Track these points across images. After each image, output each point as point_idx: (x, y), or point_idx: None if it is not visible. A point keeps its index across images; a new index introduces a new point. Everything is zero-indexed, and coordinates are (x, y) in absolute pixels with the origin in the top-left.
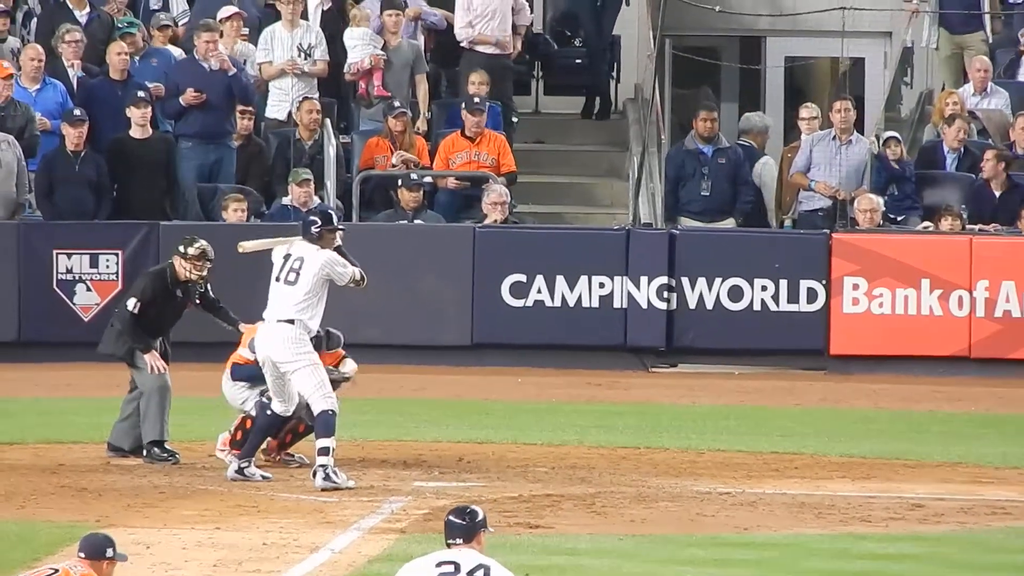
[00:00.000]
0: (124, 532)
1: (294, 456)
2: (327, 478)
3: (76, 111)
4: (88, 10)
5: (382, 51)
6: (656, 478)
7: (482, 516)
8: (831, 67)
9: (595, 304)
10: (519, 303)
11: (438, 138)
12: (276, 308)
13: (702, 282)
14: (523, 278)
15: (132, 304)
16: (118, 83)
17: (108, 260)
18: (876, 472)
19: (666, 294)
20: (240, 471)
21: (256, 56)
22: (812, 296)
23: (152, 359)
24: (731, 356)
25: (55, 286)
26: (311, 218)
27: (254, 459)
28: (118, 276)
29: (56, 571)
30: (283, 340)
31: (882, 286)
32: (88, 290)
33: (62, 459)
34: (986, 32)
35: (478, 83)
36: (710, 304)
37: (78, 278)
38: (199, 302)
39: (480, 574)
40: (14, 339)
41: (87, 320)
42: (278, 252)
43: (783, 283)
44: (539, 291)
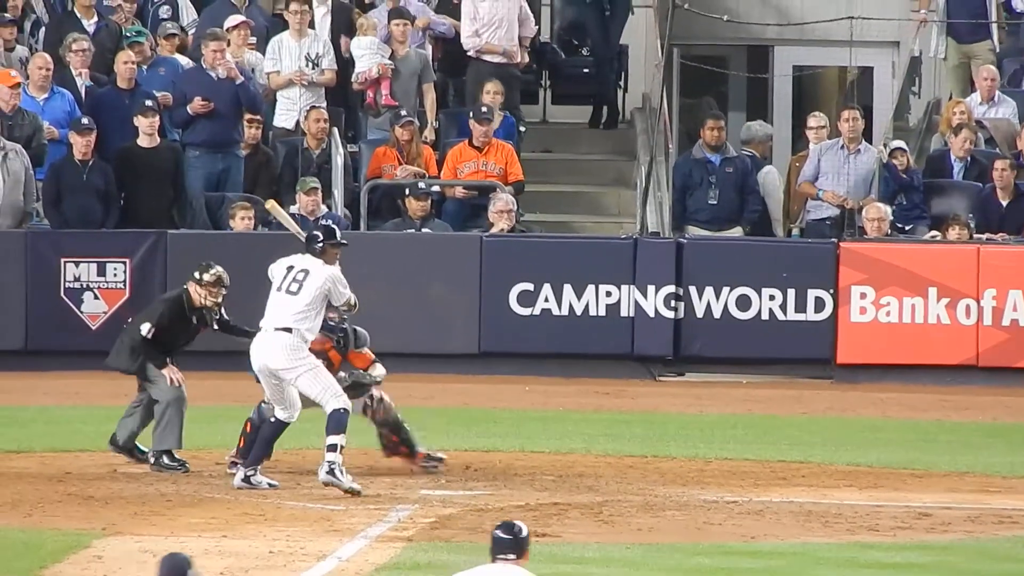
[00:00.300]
0: (131, 540)
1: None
2: (331, 472)
3: (84, 120)
4: (96, 19)
5: (389, 60)
6: (663, 487)
7: (526, 531)
8: (839, 76)
9: (602, 313)
10: (526, 312)
11: (446, 147)
12: (275, 317)
13: (709, 291)
14: (530, 287)
15: (146, 329)
16: (126, 92)
17: (116, 268)
18: (883, 481)
19: (673, 303)
20: (247, 479)
21: (264, 65)
22: (820, 305)
23: (170, 372)
24: (738, 365)
25: (62, 294)
26: (314, 232)
27: (259, 467)
28: (126, 284)
29: None
30: (281, 348)
31: (889, 295)
32: (96, 298)
33: (69, 467)
34: (993, 41)
35: (493, 92)
36: (717, 313)
37: (86, 286)
38: (216, 327)
39: None
40: (21, 347)
41: (94, 328)
42: (280, 263)
43: (791, 292)
44: (546, 300)
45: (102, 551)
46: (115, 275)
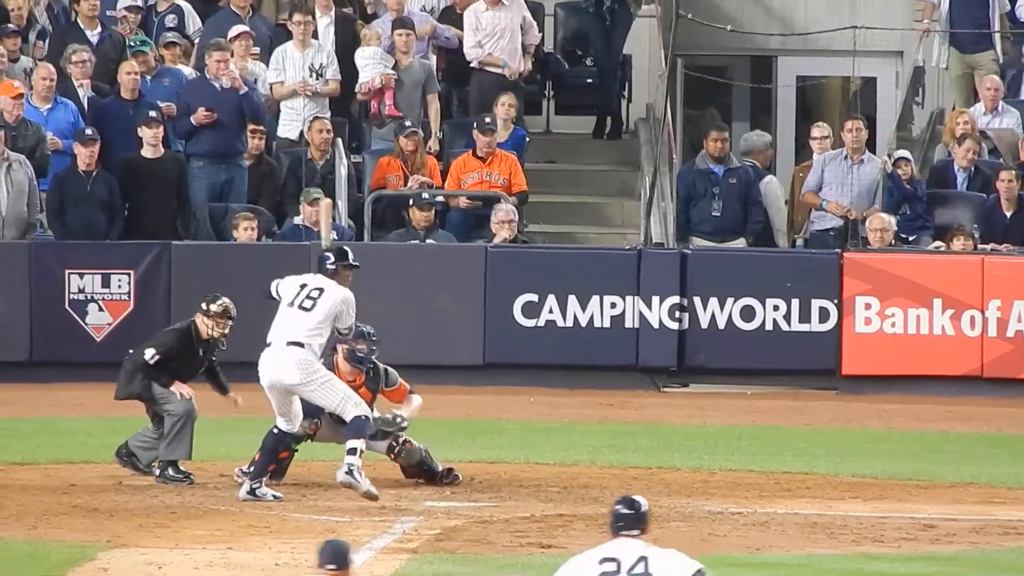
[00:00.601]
0: (136, 552)
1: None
2: (350, 473)
3: (87, 131)
4: (99, 29)
5: (393, 71)
6: (668, 498)
7: (647, 505)
8: (842, 86)
9: (607, 324)
10: (531, 323)
11: (450, 158)
12: (286, 331)
13: (714, 302)
14: (535, 298)
15: (150, 355)
16: (129, 102)
17: (120, 280)
18: (888, 492)
19: (678, 314)
20: (252, 492)
21: (267, 76)
22: (824, 316)
23: (178, 387)
24: (743, 376)
25: (67, 306)
26: (326, 254)
27: (264, 479)
28: (130, 296)
29: None
30: (295, 364)
31: (894, 306)
32: (100, 310)
33: (73, 479)
34: (996, 52)
35: (507, 105)
36: (722, 324)
37: (90, 298)
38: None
39: (640, 568)
40: (26, 359)
41: (99, 340)
42: (290, 280)
43: (795, 303)
44: (551, 311)
45: (107, 563)
46: (119, 286)
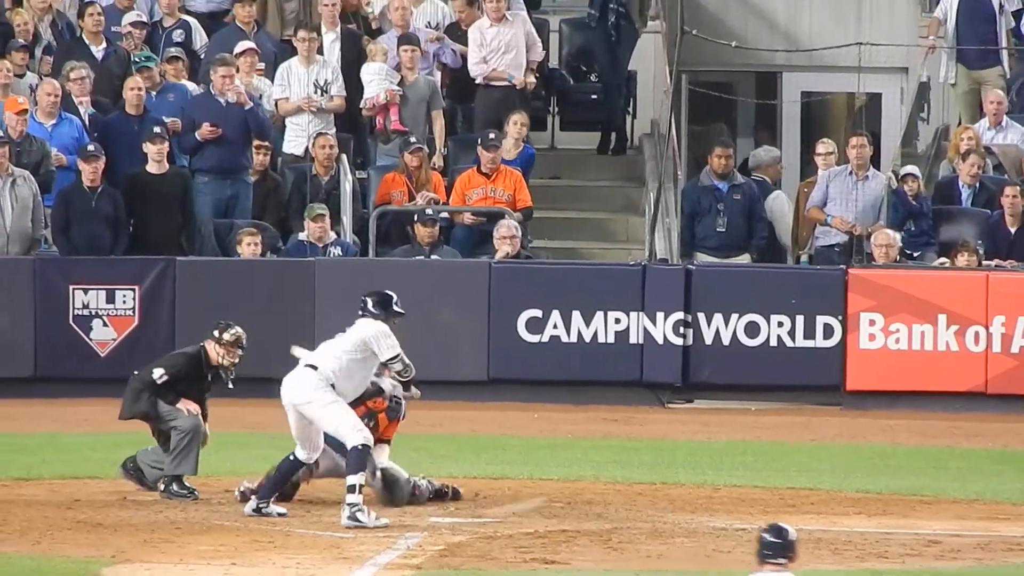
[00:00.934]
0: (140, 568)
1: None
2: (352, 517)
3: (90, 147)
4: (104, 45)
5: (398, 87)
6: (672, 514)
7: (795, 533)
8: (847, 102)
9: (611, 340)
10: (535, 338)
11: (454, 174)
12: (311, 355)
13: (718, 318)
14: (539, 313)
15: (159, 375)
16: (134, 118)
17: (125, 295)
18: (893, 508)
19: (682, 330)
20: (257, 509)
21: (273, 92)
22: (828, 332)
23: (184, 403)
24: (747, 392)
25: (71, 321)
26: (365, 298)
27: (271, 499)
28: (135, 311)
29: None
30: (304, 383)
31: (898, 322)
32: (104, 325)
33: (78, 494)
34: (1003, 67)
35: (520, 124)
36: (726, 340)
37: (94, 313)
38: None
39: None
40: (30, 375)
41: (103, 355)
42: None
43: (799, 319)
44: (555, 326)
45: None
46: (124, 302)
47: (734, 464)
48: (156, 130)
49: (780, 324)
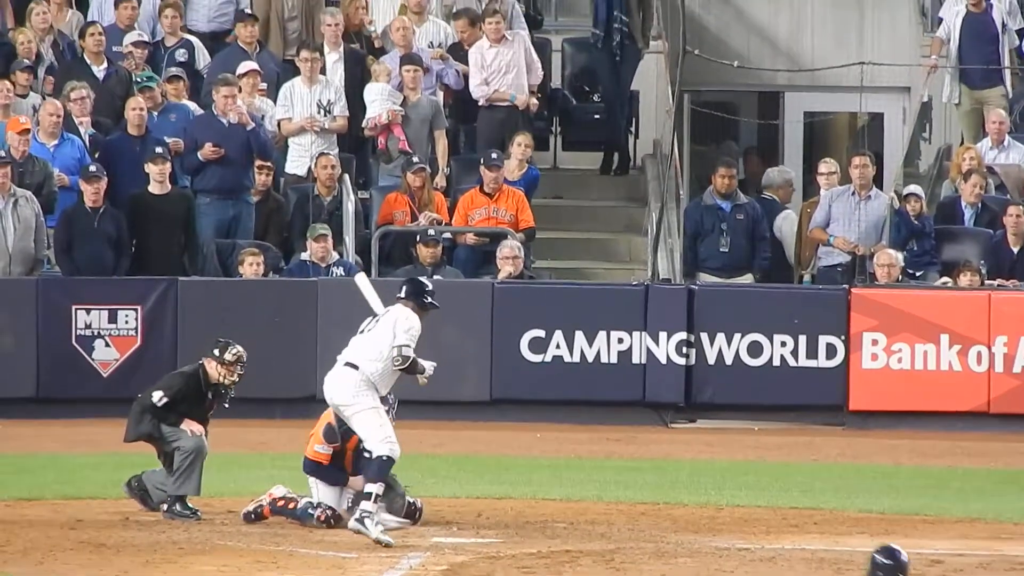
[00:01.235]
0: None
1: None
2: (360, 520)
3: (92, 167)
4: (106, 65)
5: (401, 107)
6: (675, 534)
7: (907, 555)
8: (850, 122)
9: (614, 360)
10: (538, 358)
11: (457, 194)
12: (348, 352)
13: (721, 338)
14: (542, 333)
15: (158, 397)
16: (136, 138)
17: (127, 316)
18: (895, 527)
19: (685, 349)
20: (360, 521)
21: (275, 112)
22: (831, 351)
23: (188, 424)
24: (750, 411)
25: (74, 342)
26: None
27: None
28: (137, 332)
29: None
30: (345, 383)
31: (901, 341)
32: (107, 346)
33: (80, 515)
34: (1006, 87)
35: (524, 145)
36: (729, 360)
37: (97, 334)
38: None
39: None
40: (33, 395)
41: (106, 376)
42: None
43: (802, 338)
44: (558, 346)
45: None
46: (126, 322)
47: (737, 484)
48: (158, 150)
49: (783, 344)
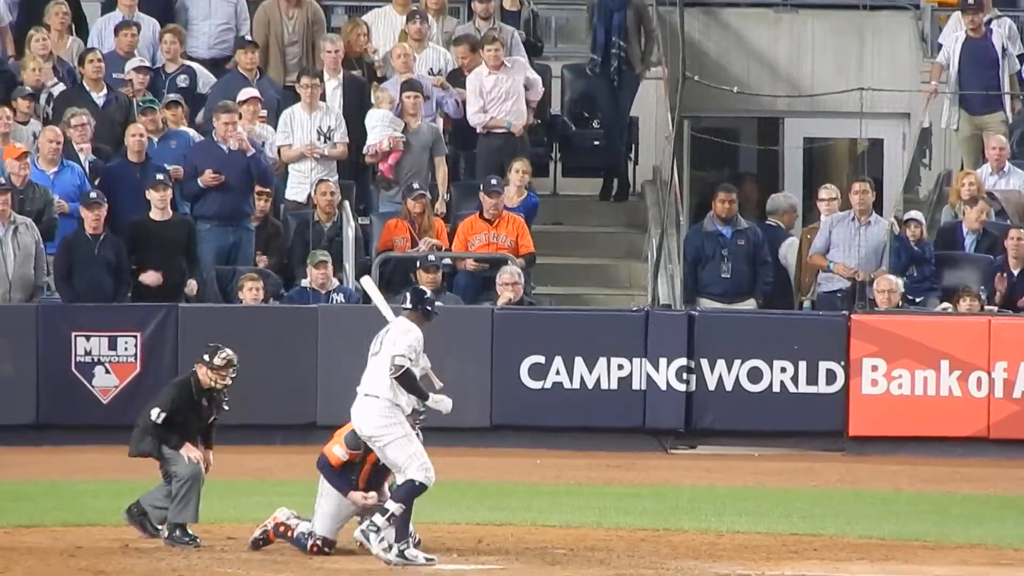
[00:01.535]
0: None
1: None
2: (364, 532)
3: (93, 194)
4: (105, 92)
5: (402, 134)
6: (675, 560)
7: None
8: (849, 148)
9: (614, 386)
10: (537, 385)
11: (457, 220)
12: (364, 382)
13: (721, 363)
14: (542, 360)
15: (156, 414)
16: (136, 165)
17: (127, 342)
18: (895, 553)
19: (685, 375)
20: (401, 554)
21: (276, 139)
22: (831, 377)
23: (187, 450)
24: (750, 437)
25: (73, 368)
26: (406, 294)
27: (410, 540)
28: (137, 358)
29: None
30: (369, 414)
31: (901, 367)
32: (107, 372)
33: (80, 542)
34: (1006, 113)
35: (522, 172)
36: (729, 386)
37: (96, 360)
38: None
39: None
40: (32, 422)
41: (106, 402)
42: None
43: (802, 364)
44: (557, 372)
45: None
46: (126, 349)
47: (737, 510)
48: (159, 177)
49: (783, 370)
